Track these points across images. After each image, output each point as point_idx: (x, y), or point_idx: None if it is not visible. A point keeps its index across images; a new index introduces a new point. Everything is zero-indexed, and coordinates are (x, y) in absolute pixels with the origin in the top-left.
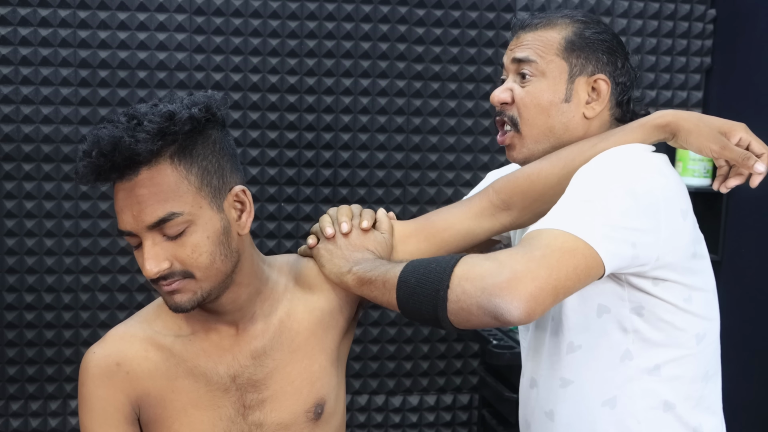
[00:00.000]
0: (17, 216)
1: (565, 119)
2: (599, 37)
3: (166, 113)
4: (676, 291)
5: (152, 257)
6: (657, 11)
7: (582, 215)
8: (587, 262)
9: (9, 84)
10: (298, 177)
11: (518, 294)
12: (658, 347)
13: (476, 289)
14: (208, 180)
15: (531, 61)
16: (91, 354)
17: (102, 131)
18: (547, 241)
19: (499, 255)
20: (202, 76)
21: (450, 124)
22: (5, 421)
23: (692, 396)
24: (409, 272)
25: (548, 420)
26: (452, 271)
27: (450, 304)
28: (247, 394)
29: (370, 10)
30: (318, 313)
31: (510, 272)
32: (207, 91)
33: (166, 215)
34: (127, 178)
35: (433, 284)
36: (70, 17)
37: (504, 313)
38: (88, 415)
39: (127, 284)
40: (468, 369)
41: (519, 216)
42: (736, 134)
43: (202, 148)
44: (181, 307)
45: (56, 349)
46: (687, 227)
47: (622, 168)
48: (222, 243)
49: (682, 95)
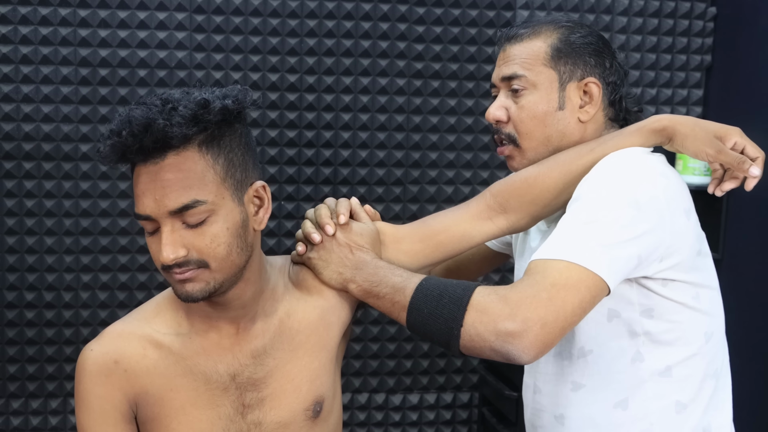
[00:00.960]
0: (18, 214)
1: (561, 126)
2: (584, 41)
3: (201, 101)
4: (684, 290)
5: (170, 243)
6: (657, 9)
7: (586, 240)
8: (591, 293)
9: (9, 82)
10: (298, 175)
11: (529, 342)
12: (669, 348)
13: (489, 333)
14: (232, 172)
15: (520, 76)
16: (89, 351)
17: (135, 112)
18: (552, 279)
19: (510, 294)
20: (203, 74)
21: (450, 122)
22: (6, 419)
23: (703, 395)
24: (421, 301)
25: (558, 424)
26: (466, 309)
27: (463, 341)
28: (247, 393)
29: (370, 8)
30: (319, 311)
31: (522, 321)
32: (239, 84)
33: (190, 202)
34: (153, 161)
35: (447, 321)
36: (70, 16)
37: (515, 357)
38: (85, 413)
39: (127, 282)
40: (468, 367)
41: (516, 220)
42: (732, 138)
43: (230, 139)
44: (192, 296)
45: (57, 347)
46: (691, 226)
47: (624, 177)
48: (240, 236)
49: (683, 93)
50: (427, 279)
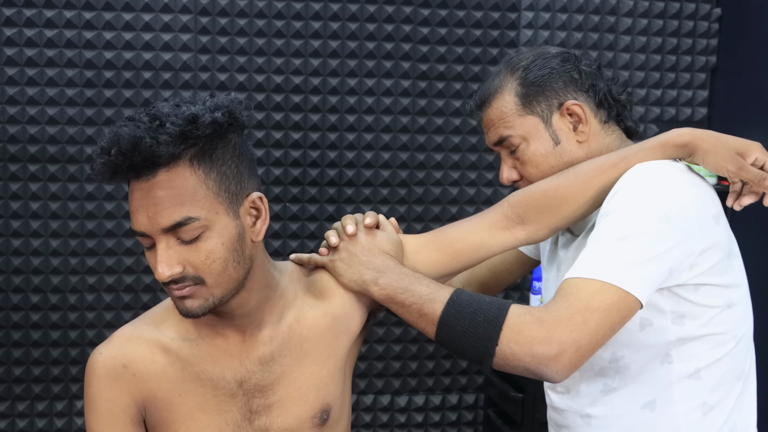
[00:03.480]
0: (23, 217)
1: (566, 158)
2: (543, 72)
3: (189, 116)
4: (716, 294)
5: (165, 261)
6: (662, 10)
7: (619, 259)
8: (623, 314)
9: (14, 85)
10: (303, 177)
11: (563, 365)
12: (699, 351)
13: (525, 355)
14: (226, 185)
15: (507, 137)
16: (98, 355)
17: (122, 129)
18: (585, 301)
19: (545, 316)
20: (207, 76)
21: (455, 124)
22: (11, 422)
23: (731, 397)
24: (453, 317)
25: (585, 424)
26: (501, 329)
27: (497, 359)
28: (254, 400)
29: (375, 9)
30: (329, 319)
31: (557, 345)
32: (230, 93)
33: (183, 219)
34: (144, 178)
35: (482, 339)
36: (75, 18)
37: (549, 378)
38: (94, 416)
39: (132, 285)
40: (473, 369)
41: (534, 231)
42: (753, 154)
43: (222, 152)
44: (191, 312)
45: (62, 349)
46: (720, 230)
47: (653, 190)
48: (236, 250)
49: (688, 94)
50: (457, 293)
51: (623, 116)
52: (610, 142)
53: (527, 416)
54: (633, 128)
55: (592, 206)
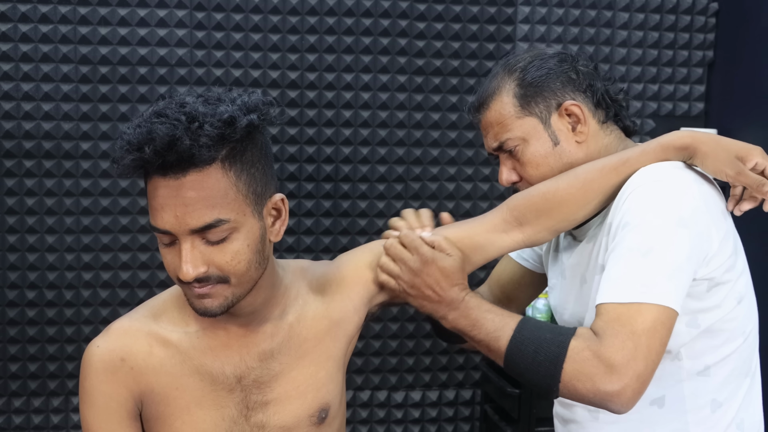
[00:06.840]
0: (18, 213)
1: (566, 159)
2: (541, 72)
3: (228, 118)
4: (726, 292)
5: (190, 261)
6: (659, 5)
7: (651, 275)
8: (666, 327)
9: (9, 81)
10: (300, 173)
11: (627, 397)
12: (709, 348)
13: (588, 392)
14: (253, 187)
15: (506, 139)
16: (95, 347)
17: (157, 127)
18: (631, 327)
19: (602, 351)
20: (203, 71)
21: (452, 119)
22: (7, 418)
23: (739, 393)
24: (517, 356)
25: (592, 419)
26: (562, 368)
27: (561, 393)
28: (252, 396)
29: (371, 5)
30: (328, 322)
31: (618, 380)
32: (252, 89)
33: (213, 221)
34: (173, 176)
35: (544, 378)
36: (70, 13)
37: (616, 411)
38: (90, 409)
39: (128, 281)
40: (470, 364)
41: (533, 233)
42: (753, 159)
43: (251, 154)
44: (210, 311)
45: (58, 345)
46: (728, 224)
47: (664, 195)
48: (259, 251)
49: (685, 89)
50: (519, 329)
51: (621, 115)
52: (609, 142)
53: (524, 412)
54: (631, 127)
55: (593, 209)
